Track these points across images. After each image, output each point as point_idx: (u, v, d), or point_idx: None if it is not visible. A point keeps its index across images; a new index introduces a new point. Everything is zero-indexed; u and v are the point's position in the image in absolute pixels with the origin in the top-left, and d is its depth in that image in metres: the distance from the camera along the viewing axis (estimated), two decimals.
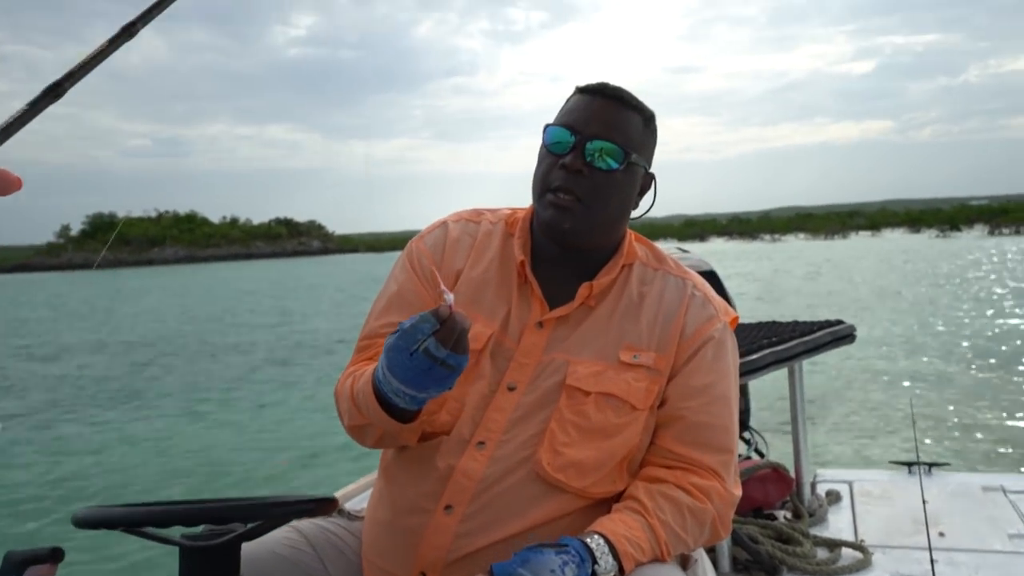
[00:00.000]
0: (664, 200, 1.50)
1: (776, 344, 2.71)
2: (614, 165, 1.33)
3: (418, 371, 1.11)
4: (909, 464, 3.32)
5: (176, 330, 23.06)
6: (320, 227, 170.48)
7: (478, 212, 1.51)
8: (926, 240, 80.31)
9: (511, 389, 1.33)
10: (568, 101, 1.40)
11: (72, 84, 0.63)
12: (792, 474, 2.95)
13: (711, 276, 2.72)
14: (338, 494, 2.41)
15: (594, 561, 1.14)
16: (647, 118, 1.40)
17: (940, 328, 16.01)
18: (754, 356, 2.59)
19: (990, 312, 18.33)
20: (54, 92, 0.62)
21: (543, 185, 1.35)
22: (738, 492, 1.36)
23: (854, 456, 6.96)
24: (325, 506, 1.24)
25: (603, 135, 1.33)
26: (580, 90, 1.39)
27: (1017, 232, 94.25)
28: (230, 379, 13.94)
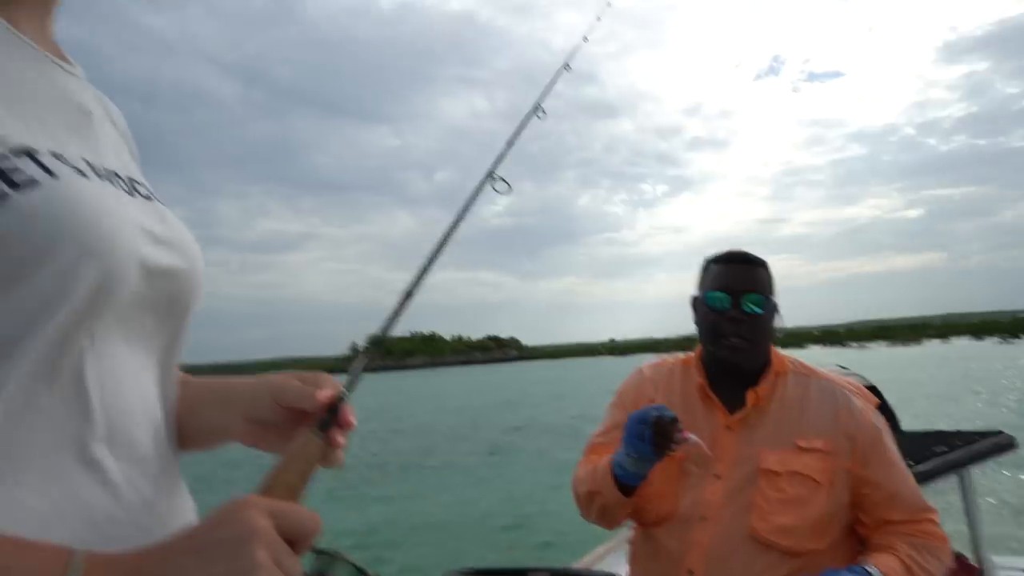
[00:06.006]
0: None
1: (946, 453, 2.35)
2: (761, 310, 1.35)
3: (635, 430, 1.21)
4: None
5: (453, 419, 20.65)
6: (516, 340, 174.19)
7: (662, 360, 1.54)
8: (991, 347, 66.19)
9: (718, 477, 1.30)
10: (708, 270, 1.42)
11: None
12: (975, 563, 2.45)
13: (873, 390, 2.43)
14: (583, 561, 2.31)
15: None
16: (765, 266, 1.41)
17: None
18: (926, 467, 2.21)
19: None
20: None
21: (715, 333, 1.36)
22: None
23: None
24: None
25: (750, 289, 1.35)
26: (715, 260, 1.41)
27: None
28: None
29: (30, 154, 0.47)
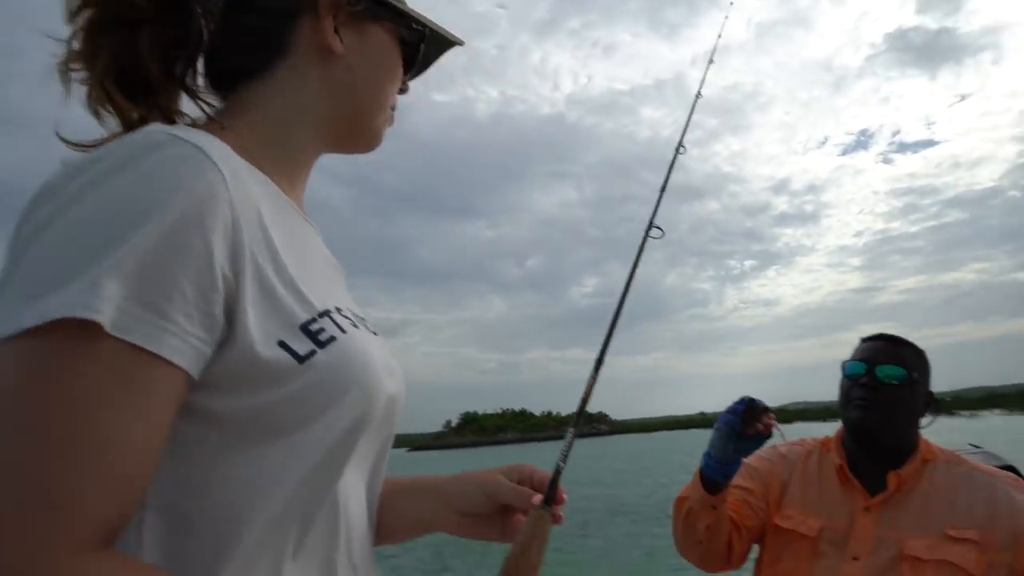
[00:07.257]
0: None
1: None
2: (897, 381, 1.30)
3: (729, 408, 1.22)
4: None
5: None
6: (606, 415, 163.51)
7: (801, 440, 1.48)
8: None
9: (855, 559, 1.24)
10: (857, 347, 1.38)
11: None
12: None
13: (1013, 470, 2.03)
14: None
15: None
16: (918, 351, 1.35)
17: None
18: None
19: None
20: None
21: (846, 398, 1.35)
22: None
23: None
24: None
25: (887, 361, 1.31)
26: (864, 339, 1.38)
27: None
28: None
29: (328, 314, 0.56)
